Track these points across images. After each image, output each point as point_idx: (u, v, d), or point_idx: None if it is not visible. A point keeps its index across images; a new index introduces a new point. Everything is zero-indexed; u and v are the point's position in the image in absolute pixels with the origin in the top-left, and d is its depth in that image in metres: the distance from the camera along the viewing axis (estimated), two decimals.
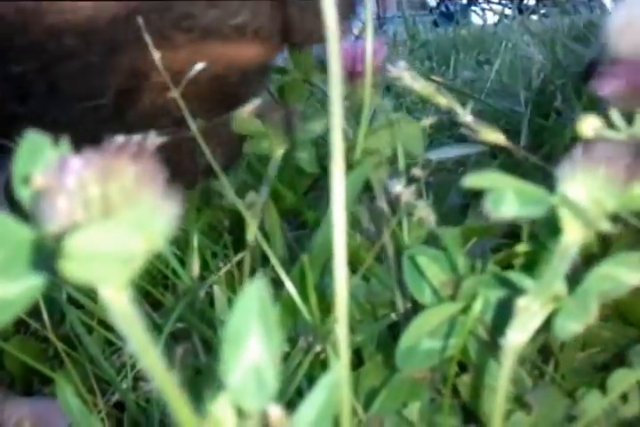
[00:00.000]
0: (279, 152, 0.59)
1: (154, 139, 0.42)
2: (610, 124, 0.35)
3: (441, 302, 0.41)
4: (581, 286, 0.31)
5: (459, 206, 0.65)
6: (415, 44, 2.24)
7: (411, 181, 0.48)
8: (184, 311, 0.50)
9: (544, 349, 0.46)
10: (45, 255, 0.20)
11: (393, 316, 0.47)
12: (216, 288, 0.50)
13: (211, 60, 0.51)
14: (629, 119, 0.36)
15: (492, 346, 0.40)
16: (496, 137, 0.41)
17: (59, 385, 0.32)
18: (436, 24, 3.76)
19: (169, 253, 0.54)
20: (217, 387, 0.23)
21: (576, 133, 0.34)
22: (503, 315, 0.35)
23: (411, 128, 0.55)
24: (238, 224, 0.60)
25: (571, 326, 0.30)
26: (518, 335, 0.30)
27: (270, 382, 0.22)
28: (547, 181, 0.31)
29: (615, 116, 0.35)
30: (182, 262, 0.56)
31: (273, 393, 0.23)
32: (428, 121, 0.54)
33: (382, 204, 0.50)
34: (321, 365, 0.43)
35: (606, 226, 0.28)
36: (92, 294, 0.47)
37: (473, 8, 4.10)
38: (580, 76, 0.64)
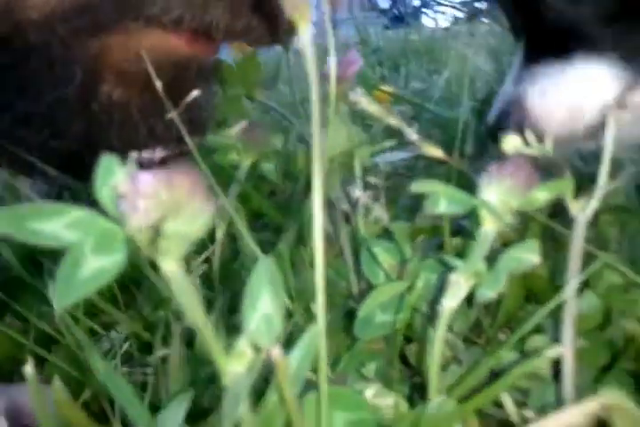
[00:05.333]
0: (247, 162, 0.70)
1: (159, 153, 0.52)
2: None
3: (390, 282, 0.52)
4: (496, 265, 0.42)
5: (408, 207, 0.75)
6: (367, 49, 2.34)
7: (367, 186, 0.59)
8: None
9: (476, 326, 0.57)
10: (123, 241, 0.30)
11: (350, 302, 0.57)
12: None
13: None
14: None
15: (432, 318, 0.51)
16: (437, 152, 0.51)
17: (26, 374, 0.38)
18: (387, 27, 3.85)
19: None
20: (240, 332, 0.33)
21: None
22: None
23: (359, 135, 0.64)
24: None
25: (487, 294, 0.42)
26: (450, 302, 0.41)
27: (277, 327, 0.33)
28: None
29: (530, 136, 0.46)
30: None
31: (279, 334, 0.33)
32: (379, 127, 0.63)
33: (342, 205, 0.60)
34: None
35: (511, 220, 0.39)
36: None
37: (424, 10, 4.20)
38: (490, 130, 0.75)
